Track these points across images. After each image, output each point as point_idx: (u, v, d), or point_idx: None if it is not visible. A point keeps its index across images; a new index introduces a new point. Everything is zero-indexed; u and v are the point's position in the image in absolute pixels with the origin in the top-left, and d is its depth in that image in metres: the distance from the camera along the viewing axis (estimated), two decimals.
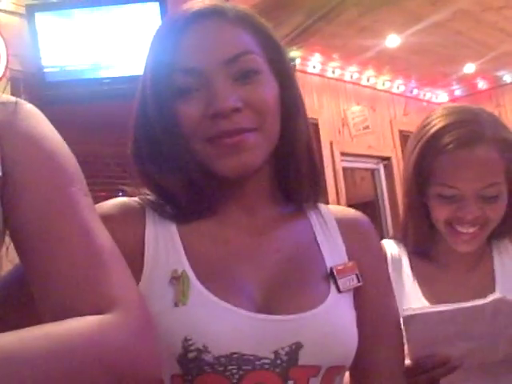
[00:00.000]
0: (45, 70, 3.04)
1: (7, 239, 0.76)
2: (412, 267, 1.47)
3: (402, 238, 1.52)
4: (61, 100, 2.95)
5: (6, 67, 2.81)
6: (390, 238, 1.56)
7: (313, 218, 1.07)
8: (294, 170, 1.03)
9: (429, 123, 1.44)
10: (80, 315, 0.68)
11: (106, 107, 3.09)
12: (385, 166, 6.06)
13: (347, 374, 1.05)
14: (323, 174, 1.12)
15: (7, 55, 2.73)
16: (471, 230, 1.37)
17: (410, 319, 1.12)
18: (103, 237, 0.76)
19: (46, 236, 0.73)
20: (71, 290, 0.71)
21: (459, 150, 1.35)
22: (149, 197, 1.02)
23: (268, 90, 0.98)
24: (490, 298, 1.15)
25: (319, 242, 1.04)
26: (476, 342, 1.16)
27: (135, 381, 0.69)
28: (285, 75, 1.02)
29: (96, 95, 3.06)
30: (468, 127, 1.37)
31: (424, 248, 1.49)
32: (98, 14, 3.10)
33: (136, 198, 1.02)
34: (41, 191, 0.75)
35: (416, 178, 1.43)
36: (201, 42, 0.96)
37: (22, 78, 3.06)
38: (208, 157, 0.95)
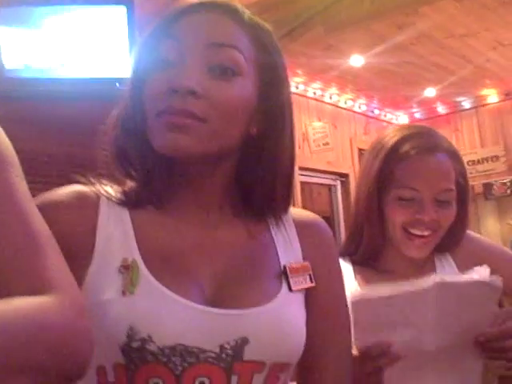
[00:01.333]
0: (5, 66, 3.00)
1: None
2: (355, 277, 1.51)
3: (348, 251, 1.56)
4: (20, 97, 2.92)
5: None
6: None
7: (270, 218, 1.06)
8: (252, 179, 1.01)
9: (386, 136, 1.54)
10: (15, 295, 0.68)
11: (62, 107, 3.06)
12: (342, 183, 6.12)
13: None
14: (288, 192, 1.14)
15: None
16: (426, 233, 1.44)
17: (355, 304, 1.14)
18: (38, 221, 0.77)
19: None
20: (7, 271, 0.71)
21: (420, 156, 1.45)
22: (104, 186, 1.00)
23: (239, 93, 0.95)
24: (431, 281, 1.18)
25: (275, 242, 1.04)
26: (418, 329, 1.19)
27: (71, 359, 0.69)
28: (272, 82, 1.00)
29: (57, 95, 3.03)
30: (425, 138, 1.49)
31: (373, 256, 1.54)
32: (64, 13, 3.05)
33: (91, 187, 1.00)
34: None
35: (377, 185, 1.49)
36: (194, 23, 0.96)
37: None
38: (152, 132, 0.94)
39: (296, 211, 1.11)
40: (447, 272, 1.50)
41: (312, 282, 1.02)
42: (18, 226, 0.74)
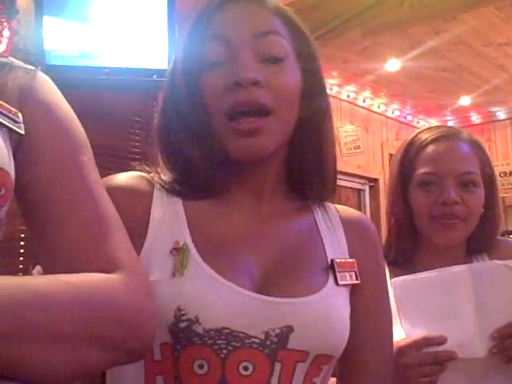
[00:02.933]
0: (46, 53, 3.04)
1: None
2: (391, 280, 1.50)
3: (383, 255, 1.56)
4: (58, 83, 2.95)
5: (9, 45, 2.82)
6: None
7: (318, 213, 1.08)
8: (303, 164, 1.04)
9: (408, 137, 1.58)
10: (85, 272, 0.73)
11: (103, 96, 3.10)
12: (371, 188, 6.10)
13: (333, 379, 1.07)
14: (334, 176, 1.16)
15: (11, 34, 2.74)
16: (454, 219, 1.43)
17: (393, 286, 1.19)
18: (107, 204, 0.81)
19: (55, 199, 0.77)
20: (78, 251, 0.75)
21: (439, 142, 1.48)
22: (159, 174, 1.04)
23: (290, 78, 0.99)
24: (463, 266, 1.21)
25: (322, 236, 1.05)
26: (460, 321, 1.19)
27: (136, 334, 0.73)
28: (310, 68, 1.03)
29: (94, 84, 3.07)
30: (444, 128, 1.55)
31: (405, 256, 1.53)
32: (105, 2, 3.10)
33: (146, 175, 1.04)
34: (53, 156, 0.79)
35: (400, 179, 1.52)
36: (234, 16, 0.99)
37: (22, 58, 3.07)
38: (224, 135, 0.97)
39: (343, 208, 1.13)
40: None
41: (357, 279, 1.03)
42: (89, 208, 0.78)
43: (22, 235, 2.85)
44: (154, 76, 3.07)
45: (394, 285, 1.21)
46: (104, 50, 3.09)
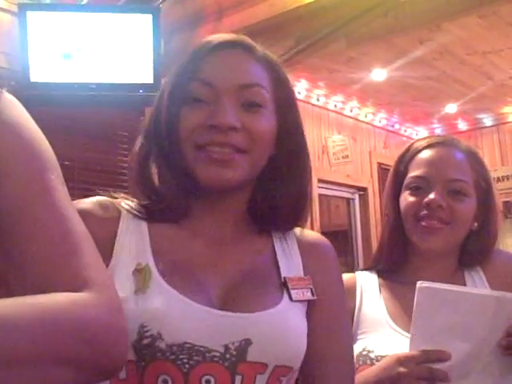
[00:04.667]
0: (31, 70, 3.04)
1: None
2: (381, 291, 1.51)
3: (374, 264, 1.57)
4: (43, 101, 2.96)
5: None
6: (362, 269, 1.60)
7: (276, 237, 1.15)
8: (271, 197, 1.12)
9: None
10: (54, 292, 0.72)
11: (87, 112, 3.11)
12: (360, 196, 6.12)
13: None
14: (305, 209, 1.20)
15: None
16: (437, 223, 1.43)
17: (421, 291, 1.19)
18: (76, 222, 0.81)
19: (22, 218, 0.76)
20: (46, 269, 0.74)
21: (434, 148, 1.50)
22: (125, 200, 1.10)
23: (266, 123, 1.07)
24: (493, 293, 1.20)
25: (278, 257, 1.12)
26: (472, 345, 1.19)
27: (107, 353, 0.72)
28: (287, 112, 1.12)
29: (80, 100, 3.07)
30: (441, 137, 1.59)
31: (396, 266, 1.53)
32: (90, 19, 3.11)
33: (112, 199, 1.10)
34: (19, 176, 0.78)
35: (393, 181, 1.54)
36: (223, 64, 1.07)
37: (6, 76, 3.08)
38: (194, 163, 1.04)
39: (302, 231, 1.19)
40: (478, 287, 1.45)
41: (313, 295, 1.09)
42: (57, 226, 0.78)
43: None
44: (140, 90, 3.08)
45: (419, 288, 1.21)
46: (89, 66, 3.10)
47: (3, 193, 0.77)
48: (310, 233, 1.21)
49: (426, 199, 1.43)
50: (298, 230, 1.18)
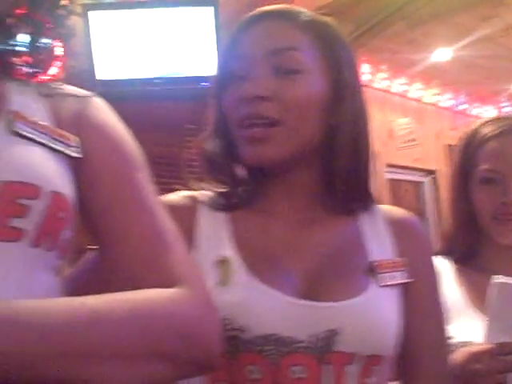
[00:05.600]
0: (96, 68, 3.13)
1: None
2: (458, 277, 1.45)
3: (447, 250, 1.52)
4: (109, 98, 3.03)
5: (62, 67, 2.91)
6: (435, 254, 1.55)
7: (361, 217, 1.09)
8: (341, 172, 1.05)
9: (470, 128, 1.51)
10: (147, 288, 0.75)
11: (154, 107, 3.18)
12: (431, 179, 6.02)
13: None
14: (367, 179, 1.15)
15: (65, 56, 2.83)
16: None
17: (496, 287, 1.14)
18: (166, 219, 0.84)
19: (114, 217, 0.81)
20: (139, 267, 0.78)
21: (499, 137, 1.41)
22: (203, 192, 1.09)
23: (304, 89, 1.01)
24: None
25: (365, 239, 1.06)
26: None
27: (200, 348, 0.75)
28: (340, 78, 1.04)
29: (146, 94, 3.14)
30: (507, 121, 1.45)
31: (471, 254, 1.48)
32: (152, 15, 3.16)
33: (190, 193, 1.10)
34: (110, 176, 0.83)
35: (461, 173, 1.47)
36: (256, 35, 1.04)
37: (73, 74, 3.18)
38: (238, 144, 1.03)
39: (387, 208, 1.13)
40: None
41: (406, 277, 1.03)
42: (149, 224, 0.81)
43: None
44: (205, 83, 3.13)
45: (494, 284, 1.15)
46: (153, 61, 3.17)
47: (95, 192, 0.82)
48: (398, 210, 1.13)
49: (503, 199, 1.37)
50: (384, 208, 1.12)
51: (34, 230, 0.73)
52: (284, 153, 1.00)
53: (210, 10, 3.16)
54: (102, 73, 3.15)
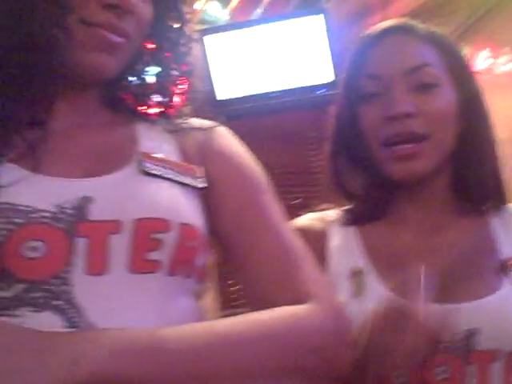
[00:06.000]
0: (215, 90, 3.25)
1: None
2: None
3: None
4: (231, 116, 3.15)
5: (185, 98, 3.04)
6: None
7: (491, 216, 1.11)
8: (473, 175, 1.09)
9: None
10: (278, 306, 0.78)
11: (275, 120, 3.24)
12: None
13: None
14: (498, 178, 1.12)
15: (188, 87, 2.95)
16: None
17: None
18: (293, 239, 0.88)
19: (243, 238, 0.86)
20: (271, 286, 0.82)
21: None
22: (331, 209, 1.14)
23: (443, 102, 1.06)
24: None
25: (497, 239, 1.07)
26: None
27: (333, 362, 0.77)
28: (466, 87, 1.09)
29: (265, 109, 3.22)
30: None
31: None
32: (263, 32, 3.23)
33: (317, 214, 1.14)
34: (236, 199, 0.89)
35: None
36: (386, 53, 1.08)
37: (196, 100, 3.31)
38: (382, 160, 1.06)
39: None
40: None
41: None
42: (277, 245, 0.85)
43: None
44: (322, 90, 3.16)
45: None
46: (268, 76, 3.24)
47: (223, 217, 0.88)
48: None
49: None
50: None
51: (169, 260, 0.78)
52: (432, 165, 1.04)
53: (320, 18, 3.18)
54: (222, 93, 3.25)
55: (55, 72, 0.81)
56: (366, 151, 1.08)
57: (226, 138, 0.95)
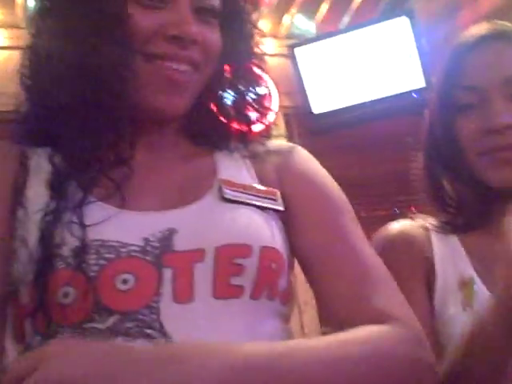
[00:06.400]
0: (310, 103, 3.24)
1: None
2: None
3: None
4: (327, 129, 3.14)
5: (279, 106, 3.07)
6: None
7: None
8: None
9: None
10: (357, 326, 0.77)
11: (370, 129, 3.21)
12: None
13: None
14: None
15: (278, 94, 2.98)
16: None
17: None
18: (372, 258, 0.87)
19: (322, 258, 0.86)
20: (349, 306, 0.81)
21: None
22: (429, 219, 1.13)
23: None
24: None
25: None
26: None
27: None
28: None
29: (361, 119, 3.19)
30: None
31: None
32: (353, 39, 3.21)
33: (417, 222, 1.13)
34: (316, 219, 0.89)
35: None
36: (483, 62, 1.06)
37: (292, 114, 3.35)
38: (480, 169, 1.04)
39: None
40: None
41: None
42: (356, 265, 0.85)
43: None
44: (413, 95, 3.10)
45: None
46: (361, 85, 3.22)
47: (303, 237, 0.88)
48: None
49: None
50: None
51: (252, 284, 0.80)
52: None
53: (404, 20, 3.13)
54: (317, 106, 3.25)
55: (131, 113, 0.85)
56: (462, 161, 1.06)
57: (304, 160, 0.96)
